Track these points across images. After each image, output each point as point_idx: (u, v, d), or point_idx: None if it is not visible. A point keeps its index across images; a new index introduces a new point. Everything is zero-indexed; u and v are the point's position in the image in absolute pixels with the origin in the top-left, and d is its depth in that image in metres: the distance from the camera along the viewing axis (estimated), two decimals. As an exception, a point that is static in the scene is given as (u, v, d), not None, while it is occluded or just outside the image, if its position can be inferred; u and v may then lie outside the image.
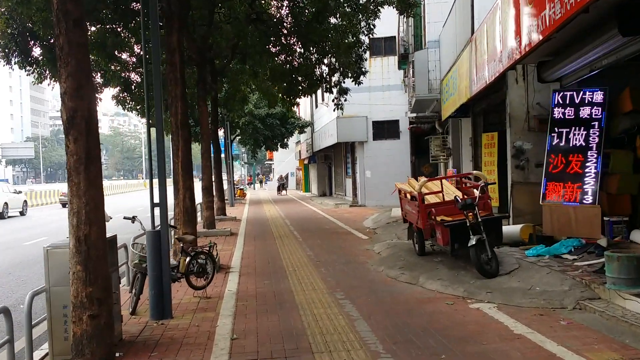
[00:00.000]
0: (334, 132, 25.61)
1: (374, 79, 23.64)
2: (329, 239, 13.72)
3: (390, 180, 24.29)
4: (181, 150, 9.75)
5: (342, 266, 9.80)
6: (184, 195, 9.75)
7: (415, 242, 9.68)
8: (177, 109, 9.74)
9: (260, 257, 11.37)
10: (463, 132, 16.25)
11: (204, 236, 15.07)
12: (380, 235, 13.53)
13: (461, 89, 12.34)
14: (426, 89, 16.16)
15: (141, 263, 6.94)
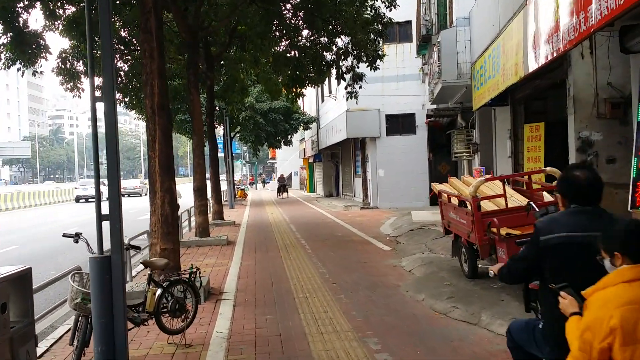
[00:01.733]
0: (342, 127, 23.36)
1: (387, 69, 21.29)
2: (344, 250, 11.48)
3: (405, 179, 22.10)
4: (158, 142, 7.52)
5: (368, 292, 7.55)
6: (162, 199, 7.52)
7: (464, 260, 7.43)
8: (154, 89, 7.52)
9: (261, 275, 9.13)
10: (498, 124, 13.96)
11: (196, 246, 12.89)
12: (406, 246, 11.27)
13: (507, 68, 10.08)
14: (454, 73, 13.90)
15: (85, 302, 4.70)
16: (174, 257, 7.61)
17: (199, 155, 13.46)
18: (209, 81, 17.98)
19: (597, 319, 2.27)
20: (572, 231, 2.79)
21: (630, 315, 2.20)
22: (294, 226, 17.00)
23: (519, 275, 3.11)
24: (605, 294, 2.34)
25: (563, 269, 2.77)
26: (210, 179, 18.91)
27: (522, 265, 3.03)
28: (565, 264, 2.77)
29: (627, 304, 2.23)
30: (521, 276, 3.13)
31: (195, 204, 13.51)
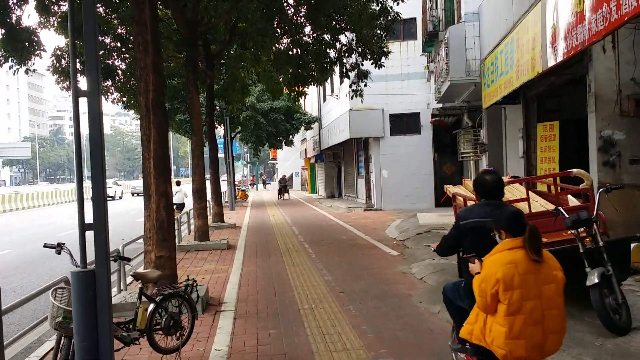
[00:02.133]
0: (345, 126, 22.85)
1: (391, 67, 20.76)
2: (350, 255, 10.96)
3: (409, 180, 21.58)
4: (153, 142, 7.01)
5: (378, 302, 7.03)
6: (157, 203, 7.01)
7: (482, 269, 6.89)
8: (148, 85, 7.01)
9: (263, 283, 8.61)
10: (509, 123, 13.45)
11: (195, 250, 12.38)
12: (415, 251, 10.75)
13: (522, 64, 9.57)
14: (463, 70, 13.38)
15: (67, 321, 4.19)
16: (170, 265, 7.10)
17: (198, 156, 12.95)
18: (208, 80, 17.48)
19: (488, 274, 3.26)
20: (481, 218, 3.82)
21: (509, 271, 3.21)
22: (296, 229, 16.49)
23: (448, 249, 4.34)
24: (494, 257, 3.31)
25: (474, 243, 3.86)
26: (210, 180, 18.41)
27: (449, 243, 4.22)
28: (475, 240, 3.86)
29: (507, 264, 3.23)
30: (450, 251, 4.37)
31: (194, 206, 13.00)
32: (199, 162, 12.92)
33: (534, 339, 3.25)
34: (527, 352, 3.25)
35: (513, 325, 3.23)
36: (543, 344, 3.28)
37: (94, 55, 4.05)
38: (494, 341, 3.31)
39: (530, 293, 3.24)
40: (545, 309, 3.27)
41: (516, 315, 3.23)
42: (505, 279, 3.21)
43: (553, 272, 3.34)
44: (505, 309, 3.22)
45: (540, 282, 3.28)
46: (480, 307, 3.37)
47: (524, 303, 3.22)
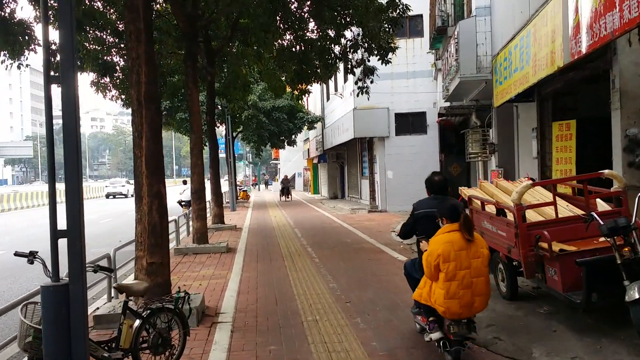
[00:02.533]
0: (349, 126, 22.30)
1: (396, 65, 20.09)
2: (355, 260, 10.42)
3: (415, 181, 20.96)
4: (145, 138, 6.47)
5: (388, 314, 6.48)
6: (150, 205, 6.47)
7: (502, 279, 6.35)
8: (140, 76, 6.48)
9: (264, 291, 8.07)
10: (521, 122, 12.90)
11: (193, 254, 11.87)
12: (424, 256, 10.19)
13: (539, 58, 9.02)
14: (474, 67, 12.82)
15: (38, 342, 3.66)
16: (162, 272, 6.57)
17: (197, 155, 12.42)
18: (209, 77, 16.95)
19: (432, 250, 4.35)
20: (429, 208, 5.02)
21: (447, 248, 4.28)
22: (298, 231, 15.95)
23: (407, 234, 5.42)
24: (437, 238, 4.41)
25: (424, 228, 5.00)
26: (210, 180, 17.90)
27: (407, 229, 5.36)
28: (425, 225, 4.99)
29: (446, 242, 4.30)
30: (408, 235, 5.40)
31: (192, 208, 12.47)
32: (198, 162, 12.39)
33: (465, 299, 4.32)
34: (460, 309, 4.33)
35: (449, 288, 4.30)
36: (472, 303, 4.37)
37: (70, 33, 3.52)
38: (436, 301, 4.41)
39: (463, 265, 4.32)
40: (474, 277, 4.35)
41: (452, 281, 4.31)
42: (444, 254, 4.31)
43: (480, 249, 4.42)
44: (444, 276, 4.31)
45: (471, 256, 4.36)
46: (427, 275, 4.54)
47: (457, 272, 4.30)
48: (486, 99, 16.22)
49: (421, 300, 4.65)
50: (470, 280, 4.31)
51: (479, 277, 4.35)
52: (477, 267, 4.35)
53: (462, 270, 4.29)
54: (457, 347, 4.47)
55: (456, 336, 4.45)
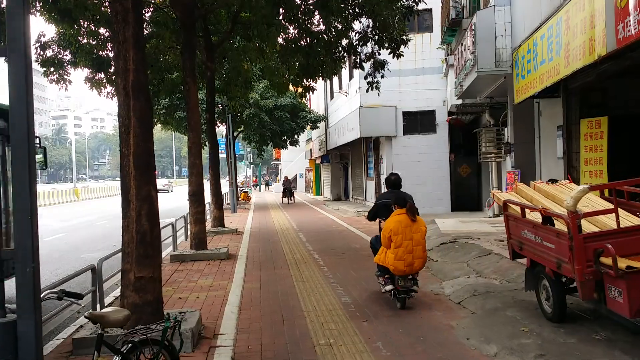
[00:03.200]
0: (355, 125, 21.43)
1: (404, 61, 19.14)
2: (367, 269, 9.53)
3: (424, 183, 20.13)
4: (134, 134, 5.61)
5: (412, 338, 5.60)
6: (138, 211, 5.61)
7: (547, 297, 5.47)
8: (128, 63, 5.62)
9: (268, 306, 7.21)
10: (544, 120, 12.03)
11: (191, 260, 11.02)
12: (443, 265, 9.32)
13: (573, 48, 8.14)
14: (492, 60, 11.96)
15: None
16: (153, 288, 5.70)
17: (195, 155, 11.55)
18: (209, 72, 16.11)
19: (387, 227, 6.48)
20: (387, 199, 7.08)
21: (396, 225, 6.35)
22: (303, 235, 15.08)
23: (372, 217, 7.58)
24: (390, 219, 6.50)
25: (383, 212, 7.07)
26: (210, 181, 17.05)
27: (372, 213, 7.55)
28: (384, 211, 7.05)
29: (396, 221, 6.39)
30: (373, 218, 7.55)
31: (190, 211, 11.61)
32: (196, 162, 11.52)
33: (408, 260, 6.37)
34: (405, 268, 6.39)
35: (397, 253, 6.36)
36: (413, 263, 6.42)
37: None
38: (388, 262, 6.44)
39: (407, 237, 6.36)
40: (414, 246, 6.40)
41: (399, 248, 6.36)
42: (394, 229, 6.36)
43: (420, 227, 6.49)
44: (394, 244, 6.37)
45: (413, 231, 6.40)
46: (383, 244, 6.59)
47: (403, 242, 6.35)
48: (501, 96, 15.37)
49: (379, 262, 6.82)
50: (412, 247, 6.44)
51: (418, 246, 6.49)
52: (417, 239, 6.49)
53: (407, 241, 6.41)
54: (403, 296, 6.64)
55: (403, 287, 6.59)
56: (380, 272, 6.91)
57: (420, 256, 6.46)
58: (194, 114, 11.51)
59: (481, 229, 12.92)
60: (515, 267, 7.82)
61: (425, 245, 6.53)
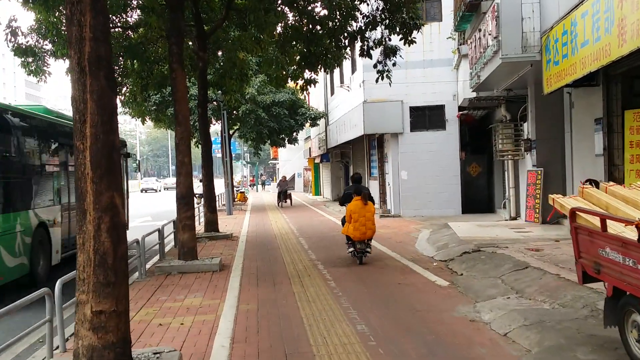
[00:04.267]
0: (358, 121, 20.08)
1: (411, 53, 17.88)
2: (382, 285, 8.21)
3: (433, 183, 18.80)
4: (91, 124, 4.27)
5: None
6: (97, 224, 4.26)
7: (638, 338, 4.13)
8: (83, 30, 4.28)
9: (268, 336, 5.86)
10: (577, 112, 10.71)
11: (178, 273, 9.69)
12: (470, 281, 7.98)
13: (632, 22, 6.81)
14: (519, 45, 10.63)
15: None
16: (117, 326, 4.33)
17: (183, 152, 10.19)
18: (201, 63, 14.79)
19: (348, 208, 10.00)
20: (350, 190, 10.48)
21: (355, 207, 9.81)
22: (304, 241, 13.74)
23: (342, 203, 10.96)
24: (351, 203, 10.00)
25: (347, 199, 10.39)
26: (203, 182, 15.70)
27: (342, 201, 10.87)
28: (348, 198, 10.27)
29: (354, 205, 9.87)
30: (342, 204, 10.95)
31: (178, 216, 10.24)
32: (185, 160, 10.15)
33: (361, 230, 9.62)
34: (360, 235, 9.65)
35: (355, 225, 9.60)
36: (365, 232, 9.69)
37: None
38: (350, 232, 9.72)
39: (361, 215, 9.63)
40: (366, 221, 9.67)
41: (356, 222, 9.60)
42: (353, 210, 9.68)
43: (370, 209, 9.81)
44: (353, 220, 9.64)
45: (365, 211, 9.69)
46: (347, 220, 9.85)
47: (359, 218, 9.60)
48: (521, 88, 14.07)
49: (345, 233, 10.09)
50: (365, 222, 9.67)
51: (369, 221, 9.73)
52: (368, 216, 9.75)
53: (361, 217, 9.65)
54: (360, 255, 9.87)
55: (360, 249, 9.83)
56: (346, 240, 10.24)
57: (370, 227, 9.83)
58: (181, 105, 10.15)
59: (504, 234, 11.60)
60: (566, 287, 6.49)
61: (374, 221, 9.98)
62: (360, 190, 9.96)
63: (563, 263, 7.88)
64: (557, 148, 13.24)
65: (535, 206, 13.37)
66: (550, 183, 13.20)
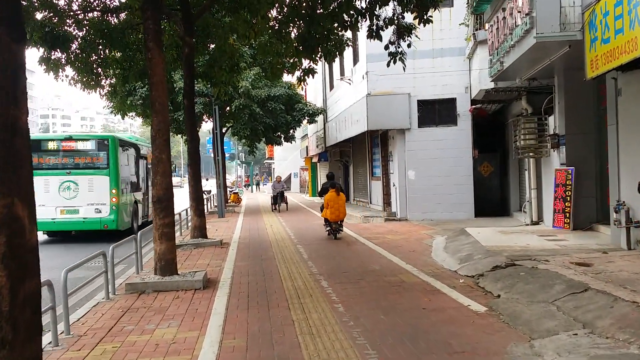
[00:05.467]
0: (361, 116, 18.49)
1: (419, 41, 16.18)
2: (403, 310, 6.61)
3: (444, 183, 17.14)
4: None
5: None
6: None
7: None
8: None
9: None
10: (626, 101, 9.08)
11: (153, 291, 8.08)
12: (515, 306, 6.38)
13: None
14: (557, 21, 9.07)
15: None
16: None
17: (160, 147, 8.54)
18: (187, 49, 13.22)
19: (325, 198, 13.62)
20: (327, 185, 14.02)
21: (330, 196, 13.41)
22: (303, 249, 12.13)
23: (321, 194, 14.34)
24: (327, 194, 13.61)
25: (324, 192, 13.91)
26: (189, 182, 14.08)
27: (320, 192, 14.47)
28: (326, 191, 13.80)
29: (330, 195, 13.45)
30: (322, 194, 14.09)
31: (154, 223, 8.59)
32: (162, 156, 8.51)
33: (335, 214, 13.24)
34: (335, 218, 13.28)
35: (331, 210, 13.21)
36: (339, 215, 13.33)
37: None
38: (327, 215, 13.37)
39: (335, 202, 13.20)
40: (339, 207, 13.29)
41: (332, 208, 13.18)
42: (329, 199, 13.30)
43: (342, 198, 13.52)
44: (329, 206, 13.23)
45: (338, 200, 13.30)
46: (325, 207, 13.49)
47: (333, 205, 13.17)
48: (546, 77, 12.53)
49: (323, 216, 13.69)
50: (337, 207, 13.20)
51: (341, 207, 13.30)
52: (341, 203, 13.27)
53: (335, 204, 13.16)
54: (335, 233, 13.40)
55: (335, 229, 13.40)
56: (324, 222, 13.80)
57: (342, 212, 13.45)
58: (159, 91, 8.52)
59: (536, 243, 10.03)
60: (655, 321, 4.91)
61: (344, 207, 13.57)
62: (334, 185, 13.76)
63: (630, 284, 6.31)
64: (590, 144, 11.71)
65: (565, 210, 11.82)
66: (583, 184, 11.67)
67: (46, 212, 15.06)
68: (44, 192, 15.31)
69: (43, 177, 15.35)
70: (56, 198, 15.44)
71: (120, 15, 14.38)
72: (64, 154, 15.96)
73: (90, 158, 16.02)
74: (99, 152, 15.93)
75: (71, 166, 15.82)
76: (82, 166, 15.88)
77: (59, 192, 15.54)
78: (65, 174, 15.65)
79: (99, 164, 15.85)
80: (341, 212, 13.38)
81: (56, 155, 15.99)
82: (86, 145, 16.22)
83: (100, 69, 15.28)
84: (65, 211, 15.49)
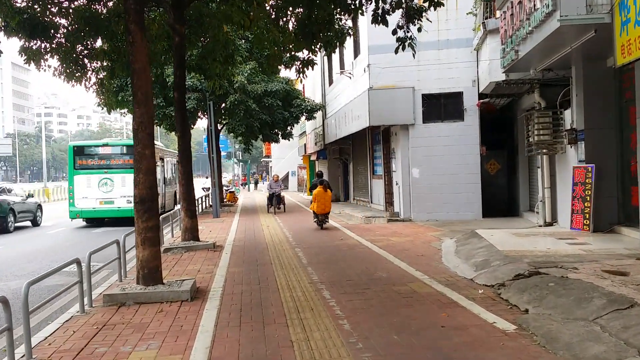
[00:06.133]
0: (362, 111, 17.61)
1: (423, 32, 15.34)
2: (419, 329, 5.73)
3: (450, 182, 16.24)
4: None
5: None
6: None
7: None
8: None
9: None
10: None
11: (135, 303, 7.19)
12: (549, 324, 5.51)
13: None
14: (583, 3, 8.21)
15: None
16: None
17: (143, 142, 7.65)
18: (177, 37, 12.34)
19: (314, 193, 15.80)
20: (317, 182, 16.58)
21: (318, 193, 15.58)
22: (302, 253, 11.25)
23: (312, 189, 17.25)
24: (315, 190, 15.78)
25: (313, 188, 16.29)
26: (180, 181, 13.19)
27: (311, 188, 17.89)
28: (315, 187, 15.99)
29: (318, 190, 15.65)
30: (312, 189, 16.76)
31: (136, 227, 7.69)
32: (145, 152, 7.61)
33: (322, 207, 15.48)
34: (321, 210, 15.50)
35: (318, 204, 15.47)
36: (325, 208, 15.55)
37: None
38: (314, 208, 15.64)
39: (322, 198, 15.46)
40: (325, 202, 15.51)
41: (319, 202, 15.46)
42: (317, 194, 15.49)
43: (328, 193, 15.69)
44: (317, 200, 15.46)
45: (325, 195, 15.52)
46: (313, 201, 15.70)
47: (320, 199, 15.44)
48: (562, 69, 11.70)
49: (311, 209, 16.02)
50: (324, 202, 15.44)
51: (327, 202, 15.53)
52: (327, 198, 15.53)
53: (322, 199, 15.42)
54: (321, 223, 15.52)
55: (321, 219, 15.53)
56: (313, 214, 15.90)
57: (328, 205, 15.62)
58: (141, 80, 7.63)
59: (557, 247, 9.18)
60: None
61: (330, 201, 15.74)
62: (322, 182, 15.89)
63: (682, 298, 5.44)
64: (611, 139, 10.87)
65: (584, 210, 10.97)
66: (605, 182, 10.82)
67: (88, 203, 19.47)
68: (87, 187, 19.60)
69: (86, 175, 19.73)
70: (96, 192, 19.50)
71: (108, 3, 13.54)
72: (101, 156, 20.09)
73: (122, 160, 19.90)
74: (129, 155, 19.29)
75: (107, 166, 19.86)
76: (116, 166, 19.86)
77: (98, 187, 19.58)
78: (103, 172, 19.72)
79: (129, 164, 18.69)
80: (327, 205, 15.57)
81: (96, 158, 20.15)
82: (119, 150, 20.17)
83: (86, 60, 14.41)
84: (103, 202, 19.55)
